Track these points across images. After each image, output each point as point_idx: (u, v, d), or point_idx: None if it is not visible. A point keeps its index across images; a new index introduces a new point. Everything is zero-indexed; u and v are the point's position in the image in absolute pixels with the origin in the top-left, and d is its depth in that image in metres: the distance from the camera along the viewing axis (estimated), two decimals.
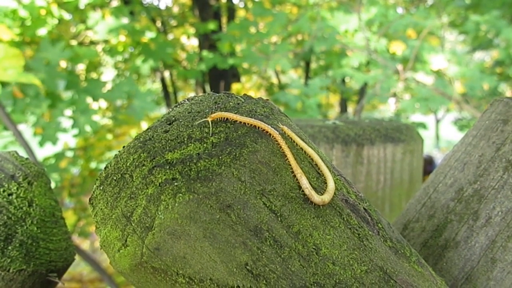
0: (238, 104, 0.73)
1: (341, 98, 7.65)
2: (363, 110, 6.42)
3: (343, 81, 7.38)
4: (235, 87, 5.94)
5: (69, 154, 4.94)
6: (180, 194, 0.60)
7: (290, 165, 0.67)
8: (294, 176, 0.67)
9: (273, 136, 0.68)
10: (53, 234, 1.06)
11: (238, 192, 0.62)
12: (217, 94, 0.76)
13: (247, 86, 6.10)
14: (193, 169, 0.62)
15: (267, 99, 0.78)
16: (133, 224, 0.64)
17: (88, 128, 3.71)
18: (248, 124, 0.68)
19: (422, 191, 1.06)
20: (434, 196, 1.01)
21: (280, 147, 0.68)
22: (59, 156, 4.64)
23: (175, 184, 0.61)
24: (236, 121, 0.67)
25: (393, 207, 1.55)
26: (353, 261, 0.68)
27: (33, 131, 3.86)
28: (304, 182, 0.67)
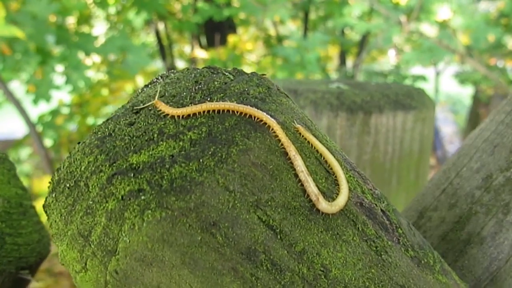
0: (226, 83, 0.57)
1: (341, 50, 7.41)
2: (362, 63, 6.22)
3: (343, 32, 7.10)
4: (231, 39, 5.70)
5: (65, 110, 4.79)
6: (149, 211, 0.46)
7: (293, 164, 0.53)
8: (298, 178, 0.53)
9: (271, 128, 0.53)
10: (21, 227, 0.92)
11: (225, 206, 0.48)
12: (198, 70, 0.60)
13: (244, 39, 5.85)
14: (165, 177, 0.47)
15: (264, 74, 0.62)
16: (92, 246, 0.50)
17: (82, 84, 3.54)
18: (237, 112, 0.52)
19: (441, 175, 0.92)
20: (456, 182, 0.87)
21: (280, 141, 0.53)
22: (54, 113, 4.49)
23: (142, 197, 0.46)
24: (222, 110, 0.52)
25: (401, 179, 1.42)
26: (369, 283, 0.55)
27: (26, 89, 3.69)
28: (311, 186, 0.53)
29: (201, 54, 5.18)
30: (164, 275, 0.49)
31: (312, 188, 0.53)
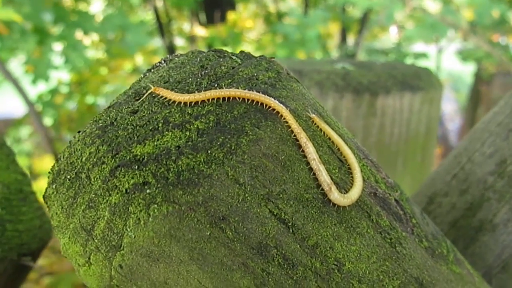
0: (233, 68, 0.54)
1: (341, 28, 7.30)
2: (364, 40, 6.13)
3: (344, 9, 6.99)
4: (231, 16, 5.61)
5: (64, 89, 4.75)
6: (155, 206, 0.44)
7: (305, 154, 0.50)
8: (310, 169, 0.50)
9: (281, 115, 0.50)
10: (22, 213, 0.90)
11: (235, 200, 0.45)
12: (204, 54, 0.56)
13: (244, 16, 5.76)
14: (171, 170, 0.44)
15: (272, 58, 0.59)
16: (95, 240, 0.48)
17: (81, 64, 3.49)
18: (247, 99, 0.49)
19: (452, 159, 0.90)
20: (468, 167, 0.85)
21: (291, 130, 0.50)
22: (53, 92, 4.45)
23: (148, 191, 0.44)
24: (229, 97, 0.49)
25: (407, 162, 1.40)
26: (383, 276, 0.53)
27: (24, 69, 3.65)
28: (323, 175, 0.50)
29: (200, 31, 5.09)
30: (171, 270, 0.46)
31: (324, 177, 0.51)
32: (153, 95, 0.50)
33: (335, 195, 0.51)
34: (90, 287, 0.53)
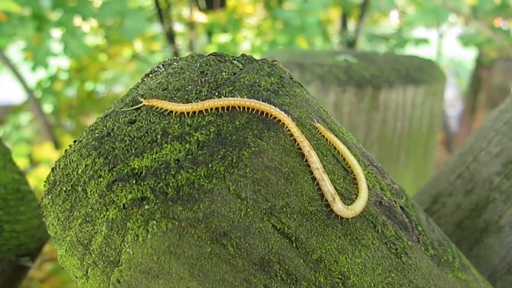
0: (234, 74, 0.52)
1: (342, 13, 7.23)
2: (364, 26, 6.07)
3: None
4: (230, 2, 5.53)
5: (64, 76, 4.72)
6: (154, 222, 0.42)
7: (308, 163, 0.48)
8: (314, 179, 0.49)
9: (284, 124, 0.48)
10: (20, 213, 0.89)
11: (237, 215, 0.44)
12: (204, 58, 0.54)
13: (244, 1, 5.68)
14: (170, 185, 0.43)
15: (274, 61, 0.56)
16: (93, 255, 0.46)
17: (79, 51, 3.46)
18: (247, 108, 0.47)
19: (457, 158, 0.88)
20: (473, 166, 0.83)
21: (295, 140, 0.48)
22: (53, 78, 4.42)
23: (146, 207, 0.42)
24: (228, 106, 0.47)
25: (409, 156, 1.38)
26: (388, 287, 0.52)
27: (24, 56, 3.62)
28: (327, 185, 0.49)
29: (200, 17, 5.04)
30: (171, 287, 0.45)
31: (328, 187, 0.49)
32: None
33: (338, 206, 0.49)
34: None
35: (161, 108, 0.47)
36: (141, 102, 0.49)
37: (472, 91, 6.80)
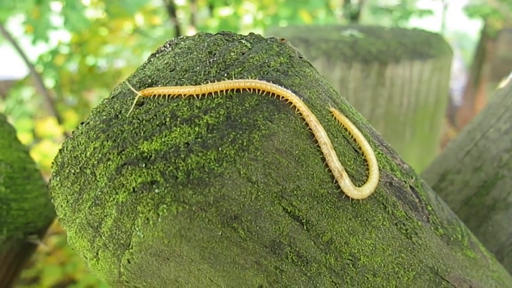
0: (243, 54, 0.50)
1: None
2: None
3: None
4: None
5: (65, 50, 4.67)
6: (165, 206, 0.42)
7: (315, 138, 0.47)
8: (325, 162, 0.48)
9: (295, 106, 0.47)
10: (26, 191, 0.89)
11: (248, 198, 0.43)
12: (211, 37, 0.53)
13: None
14: (180, 168, 0.42)
15: (283, 40, 0.55)
16: (103, 237, 0.46)
17: (80, 25, 3.41)
18: (257, 89, 0.46)
19: (465, 135, 0.87)
20: (482, 143, 0.82)
21: (305, 122, 0.47)
22: (54, 53, 4.37)
23: (156, 190, 0.42)
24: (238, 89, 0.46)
25: (415, 132, 1.38)
26: (399, 268, 0.52)
27: (24, 29, 3.58)
28: (334, 161, 0.48)
29: None
30: (182, 269, 0.45)
31: (335, 163, 0.48)
32: (160, 86, 0.47)
33: (346, 182, 0.49)
34: (98, 277, 0.52)
35: (170, 94, 0.46)
36: (149, 83, 0.48)
37: (477, 63, 6.72)
